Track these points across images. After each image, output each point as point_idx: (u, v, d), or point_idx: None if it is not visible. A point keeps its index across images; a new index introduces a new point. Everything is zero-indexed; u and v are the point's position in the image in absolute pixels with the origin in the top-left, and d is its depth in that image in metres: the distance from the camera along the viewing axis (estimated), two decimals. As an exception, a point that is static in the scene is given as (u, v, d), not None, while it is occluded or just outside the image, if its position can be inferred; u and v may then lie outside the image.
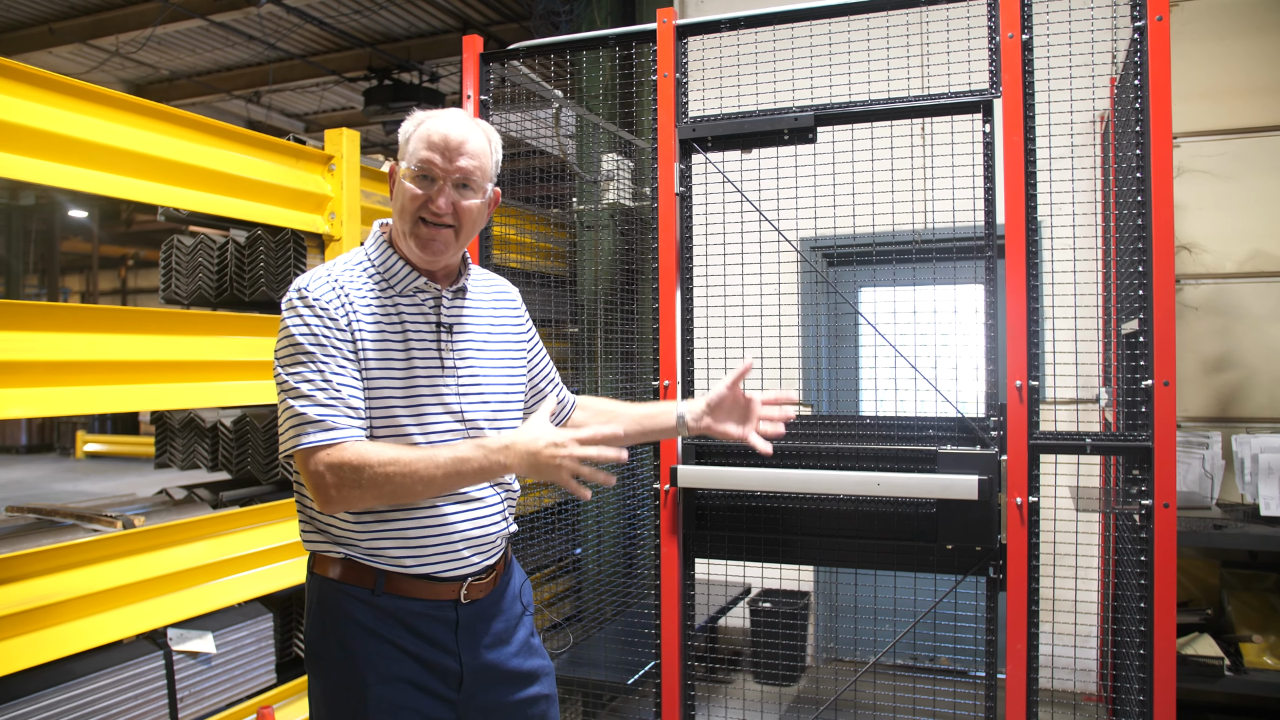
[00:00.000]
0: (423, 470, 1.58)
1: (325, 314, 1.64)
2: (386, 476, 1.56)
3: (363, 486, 1.57)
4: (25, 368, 2.41)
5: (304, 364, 1.61)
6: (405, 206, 1.70)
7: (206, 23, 8.76)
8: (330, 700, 1.71)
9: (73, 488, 10.36)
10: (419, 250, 1.72)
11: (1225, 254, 3.89)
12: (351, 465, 1.56)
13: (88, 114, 2.61)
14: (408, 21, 9.09)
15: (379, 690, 1.67)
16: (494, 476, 1.65)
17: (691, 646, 2.75)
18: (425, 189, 1.69)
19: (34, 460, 13.89)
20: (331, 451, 1.57)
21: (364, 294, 1.70)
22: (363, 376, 1.65)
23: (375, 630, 1.69)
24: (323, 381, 1.60)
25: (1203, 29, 3.90)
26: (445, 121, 1.71)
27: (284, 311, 1.67)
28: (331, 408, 1.59)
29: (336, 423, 1.59)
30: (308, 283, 1.67)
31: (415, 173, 1.69)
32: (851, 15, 2.59)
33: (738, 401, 1.96)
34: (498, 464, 1.61)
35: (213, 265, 3.46)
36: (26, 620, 2.41)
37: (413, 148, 1.71)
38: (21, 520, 3.01)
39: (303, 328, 1.63)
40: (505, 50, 2.94)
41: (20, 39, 9.45)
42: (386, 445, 1.61)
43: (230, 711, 2.92)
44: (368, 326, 1.68)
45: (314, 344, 1.62)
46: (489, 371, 1.82)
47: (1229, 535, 3.15)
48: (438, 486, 1.61)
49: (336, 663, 1.69)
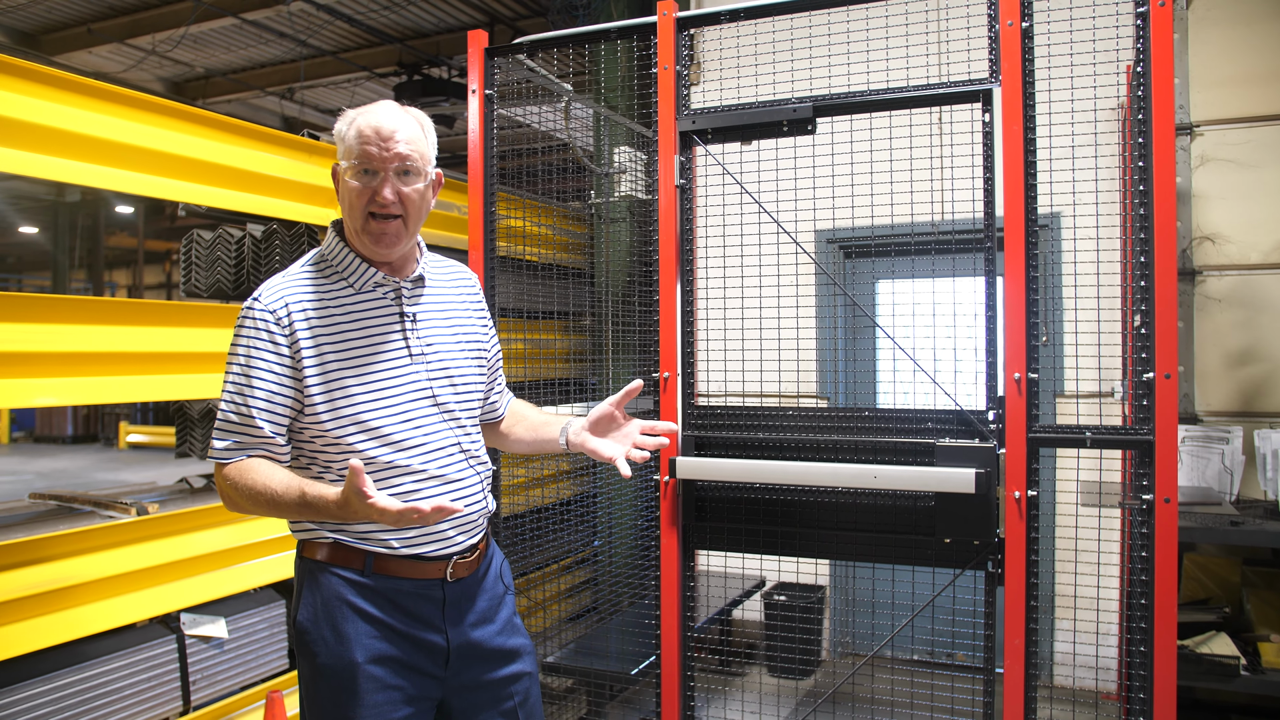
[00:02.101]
0: (282, 505, 1.67)
1: (265, 327, 1.71)
2: (253, 501, 1.69)
3: (235, 502, 1.73)
4: (41, 358, 2.49)
5: (234, 376, 1.72)
6: (353, 203, 1.75)
7: (239, 21, 8.88)
8: (321, 681, 1.74)
9: (113, 477, 10.61)
10: (372, 245, 1.77)
11: (1250, 245, 3.81)
12: (232, 483, 1.70)
13: (109, 114, 2.69)
14: (436, 17, 9.15)
15: (369, 669, 1.72)
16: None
17: (692, 637, 2.76)
18: (367, 182, 1.74)
19: (79, 450, 14.24)
20: (228, 467, 1.71)
21: (320, 296, 1.76)
22: (320, 378, 1.71)
23: (365, 611, 1.73)
24: (240, 399, 1.70)
25: (1226, 14, 3.82)
26: (376, 114, 1.76)
27: (241, 312, 1.75)
28: (240, 426, 1.70)
29: (240, 440, 1.71)
30: (261, 293, 1.74)
31: (356, 168, 1.74)
32: (851, 5, 2.57)
33: (617, 422, 1.99)
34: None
35: (230, 259, 3.53)
36: (41, 602, 2.48)
37: (349, 144, 1.75)
38: (43, 506, 3.10)
39: (242, 343, 1.72)
40: (510, 45, 2.96)
41: (61, 39, 9.67)
42: (265, 473, 1.68)
43: (241, 695, 2.99)
44: (322, 329, 1.73)
45: (246, 360, 1.71)
46: (455, 355, 1.89)
47: (1246, 532, 3.09)
48: (295, 515, 1.70)
49: (327, 643, 1.73)
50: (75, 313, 2.60)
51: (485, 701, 1.87)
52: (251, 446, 1.71)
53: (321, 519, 1.67)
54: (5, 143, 2.45)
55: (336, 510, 1.59)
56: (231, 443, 1.71)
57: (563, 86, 3.51)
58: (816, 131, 2.62)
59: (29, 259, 20.92)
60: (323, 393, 1.71)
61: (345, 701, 1.71)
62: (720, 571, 3.89)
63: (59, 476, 10.81)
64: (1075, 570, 3.04)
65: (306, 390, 1.71)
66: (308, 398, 1.72)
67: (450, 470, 1.81)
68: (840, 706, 3.54)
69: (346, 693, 1.71)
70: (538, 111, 3.67)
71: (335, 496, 1.59)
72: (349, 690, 1.71)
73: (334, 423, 1.72)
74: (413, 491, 1.75)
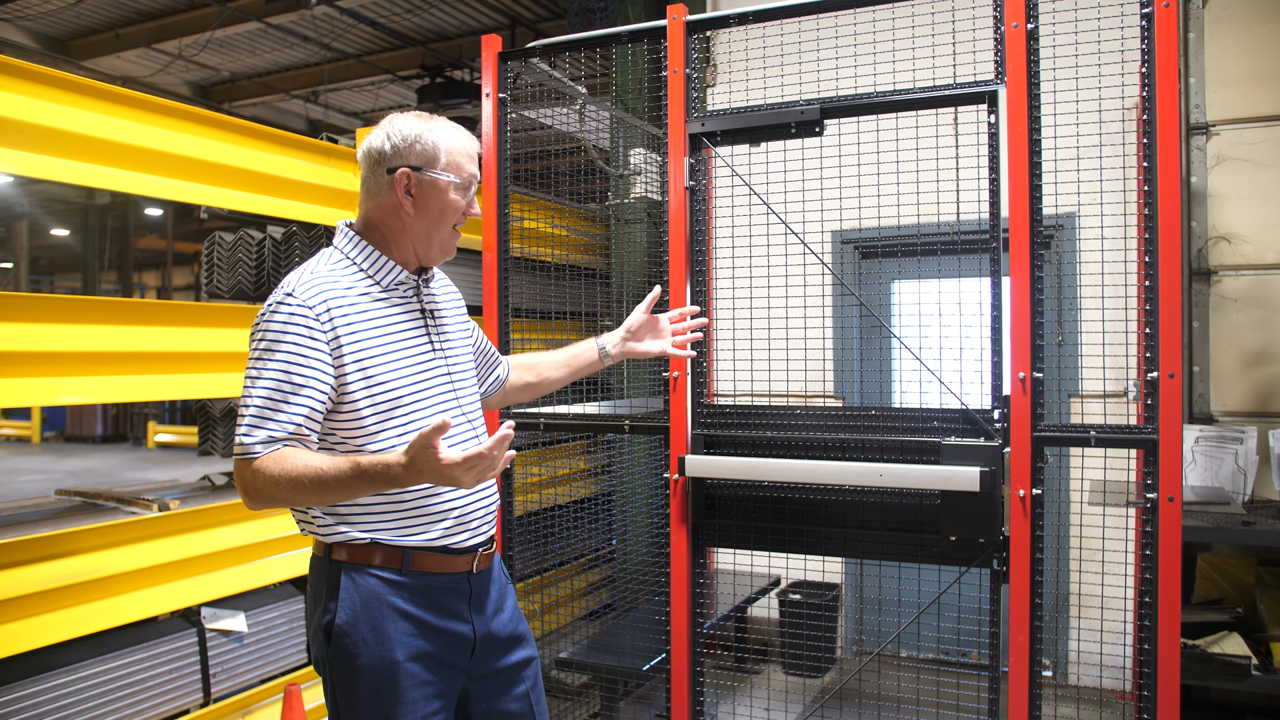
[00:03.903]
0: (329, 484, 1.64)
1: (305, 322, 1.71)
2: (294, 487, 1.64)
3: (265, 494, 1.67)
4: (69, 358, 2.56)
5: (270, 370, 1.69)
6: (450, 215, 1.86)
7: (263, 25, 9.01)
8: (363, 681, 1.76)
9: (140, 475, 10.77)
10: (449, 250, 1.91)
11: (1266, 244, 3.79)
12: (267, 473, 1.64)
13: (135, 120, 2.76)
14: (459, 20, 9.24)
15: (409, 667, 1.76)
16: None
17: (702, 634, 2.79)
18: (465, 196, 1.87)
19: (108, 450, 14.46)
20: (260, 459, 1.65)
21: (353, 294, 1.79)
22: (360, 372, 1.75)
23: (403, 610, 1.78)
24: (277, 392, 1.68)
25: (1242, 14, 3.80)
26: (460, 134, 1.88)
27: (270, 306, 1.75)
28: (276, 417, 1.67)
29: (274, 433, 1.67)
30: (294, 289, 1.74)
31: (464, 184, 1.86)
32: (858, 8, 2.60)
33: (652, 324, 2.29)
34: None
35: (251, 260, 3.60)
36: (66, 595, 2.55)
37: (453, 159, 1.83)
38: (68, 503, 3.18)
39: (278, 337, 1.70)
40: (523, 49, 3.01)
41: (90, 44, 9.85)
42: (304, 457, 1.65)
43: (260, 688, 3.05)
44: (360, 324, 1.77)
45: (286, 353, 1.69)
46: (461, 347, 1.99)
47: (1259, 532, 3.08)
48: (336, 497, 1.68)
49: (368, 644, 1.76)
50: (100, 313, 2.67)
51: (500, 687, 1.93)
52: (284, 439, 1.68)
53: (377, 488, 1.64)
54: (38, 149, 2.53)
55: (402, 473, 1.58)
56: (265, 435, 1.67)
57: (577, 89, 3.55)
58: (825, 133, 2.65)
59: (61, 261, 21.28)
60: (364, 387, 1.75)
61: (386, 700, 1.75)
62: (739, 569, 3.91)
63: (88, 475, 11.00)
64: (1082, 569, 3.05)
65: (348, 385, 1.74)
66: (348, 392, 1.74)
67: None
68: (850, 704, 3.56)
69: (388, 691, 1.75)
70: (551, 114, 3.71)
71: (399, 459, 1.58)
72: (390, 689, 1.75)
73: (374, 415, 1.76)
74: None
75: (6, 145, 2.47)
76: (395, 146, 1.81)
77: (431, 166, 1.81)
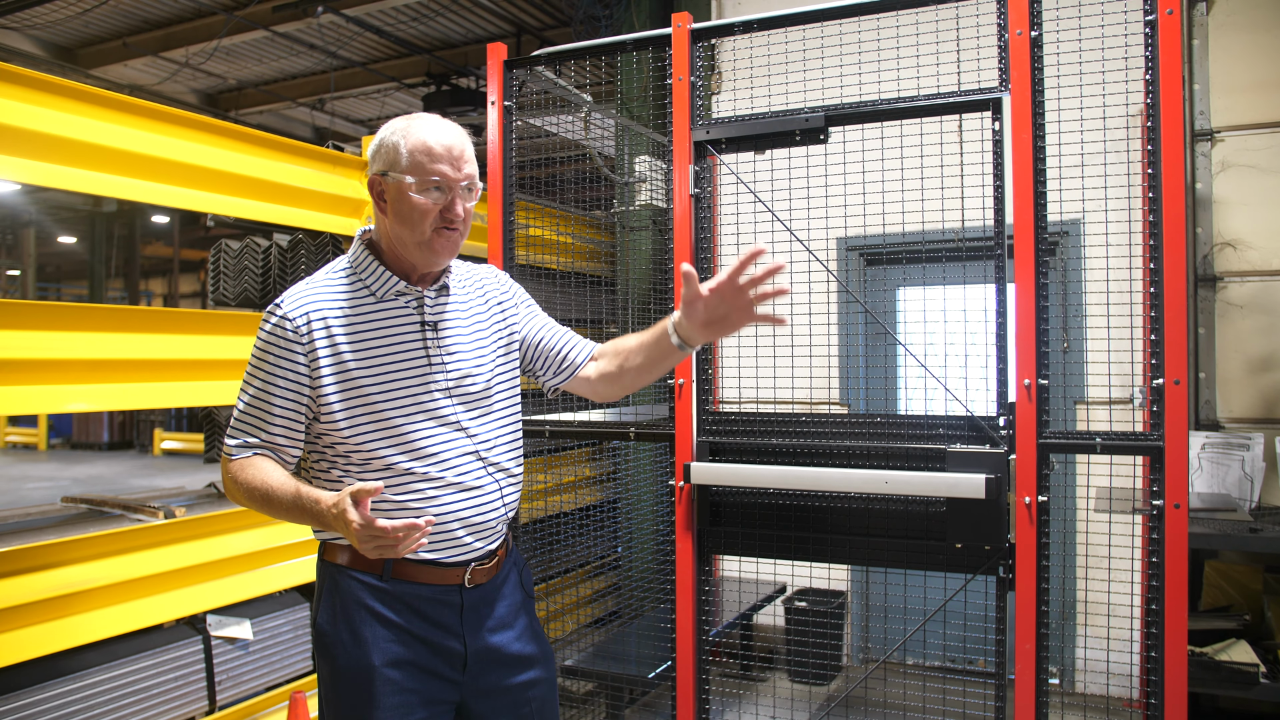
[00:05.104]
0: (274, 502, 1.73)
1: (281, 334, 1.76)
2: (248, 496, 1.77)
3: (234, 496, 1.81)
4: (75, 365, 2.57)
5: (249, 379, 1.80)
6: (417, 218, 1.76)
7: (270, 33, 9.04)
8: (339, 683, 1.78)
9: (146, 482, 10.79)
10: (431, 256, 1.80)
11: (1272, 251, 3.78)
12: (233, 477, 1.78)
13: (142, 128, 2.77)
14: (464, 28, 9.27)
15: (386, 672, 1.76)
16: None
17: (708, 641, 2.79)
18: (438, 199, 1.76)
19: (114, 457, 14.48)
20: (233, 463, 1.79)
21: (343, 304, 1.80)
22: (337, 385, 1.76)
23: (383, 615, 1.77)
24: (252, 401, 1.78)
25: (1247, 20, 3.80)
26: (441, 131, 1.78)
27: (263, 318, 1.80)
28: (249, 425, 1.79)
29: (248, 440, 1.79)
30: (283, 300, 1.79)
31: (427, 185, 1.75)
32: (862, 15, 2.60)
33: (730, 296, 1.82)
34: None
35: (257, 268, 3.61)
36: (71, 603, 2.56)
37: (415, 159, 1.75)
38: (74, 510, 3.19)
39: (260, 348, 1.79)
40: (529, 57, 3.02)
41: (98, 53, 9.90)
42: (264, 470, 1.75)
43: (265, 696, 3.05)
44: (343, 336, 1.77)
45: (260, 364, 1.78)
46: (475, 359, 1.89)
47: (1266, 539, 3.06)
48: (284, 516, 1.76)
49: (346, 646, 1.77)
50: (107, 321, 2.68)
51: (503, 706, 1.89)
52: (257, 447, 1.78)
53: (310, 521, 1.71)
54: (46, 158, 2.54)
55: (324, 512, 1.63)
56: (241, 440, 1.78)
57: (581, 97, 3.56)
58: (830, 140, 2.65)
59: (67, 268, 21.35)
60: (341, 399, 1.76)
61: (363, 704, 1.75)
62: (744, 577, 3.91)
63: (94, 482, 11.02)
64: (1088, 577, 3.04)
65: (323, 397, 1.76)
66: (325, 405, 1.76)
67: (467, 478, 1.83)
68: (856, 712, 3.55)
69: (364, 695, 1.75)
70: (557, 122, 3.72)
71: (327, 499, 1.63)
72: (366, 693, 1.75)
73: (350, 428, 1.76)
74: (431, 497, 1.78)
75: (15, 154, 2.48)
76: (372, 153, 1.82)
77: (394, 169, 1.76)
